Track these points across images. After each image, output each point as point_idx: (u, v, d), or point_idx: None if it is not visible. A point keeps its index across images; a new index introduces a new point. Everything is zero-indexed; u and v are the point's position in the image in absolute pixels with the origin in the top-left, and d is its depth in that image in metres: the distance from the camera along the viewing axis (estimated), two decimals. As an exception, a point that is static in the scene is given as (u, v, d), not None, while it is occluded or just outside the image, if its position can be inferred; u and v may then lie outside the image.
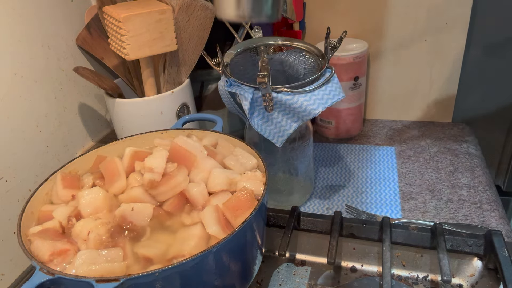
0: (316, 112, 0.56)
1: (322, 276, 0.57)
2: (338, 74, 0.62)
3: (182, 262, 0.38)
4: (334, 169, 0.80)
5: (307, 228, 0.61)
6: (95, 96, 0.89)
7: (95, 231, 0.44)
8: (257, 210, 0.43)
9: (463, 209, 0.67)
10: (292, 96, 0.55)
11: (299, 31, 0.87)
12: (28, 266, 0.64)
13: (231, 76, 0.59)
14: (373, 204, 0.70)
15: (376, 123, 0.95)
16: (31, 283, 0.37)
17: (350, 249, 0.59)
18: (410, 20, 0.84)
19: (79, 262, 0.40)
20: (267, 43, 0.66)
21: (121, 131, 0.76)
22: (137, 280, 0.37)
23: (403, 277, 0.56)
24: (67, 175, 0.52)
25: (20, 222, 0.45)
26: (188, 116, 0.67)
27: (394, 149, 0.85)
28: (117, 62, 0.79)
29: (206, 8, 0.73)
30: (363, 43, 0.83)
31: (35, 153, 0.72)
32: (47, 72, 0.75)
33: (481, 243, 0.54)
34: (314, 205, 0.72)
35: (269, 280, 0.57)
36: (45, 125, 0.75)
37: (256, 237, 0.47)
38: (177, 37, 0.69)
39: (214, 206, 0.47)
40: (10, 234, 0.65)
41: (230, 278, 0.46)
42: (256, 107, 0.58)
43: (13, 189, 0.66)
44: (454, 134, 0.88)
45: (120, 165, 0.52)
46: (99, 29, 0.80)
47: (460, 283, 0.54)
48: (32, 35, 0.71)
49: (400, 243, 0.57)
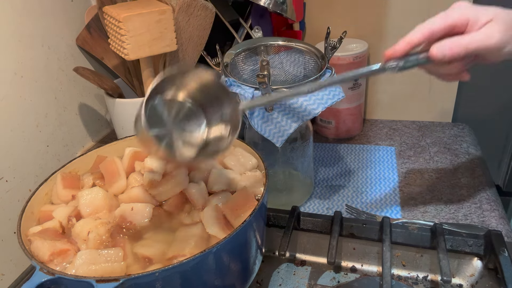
0: (316, 112, 0.56)
1: (322, 276, 0.57)
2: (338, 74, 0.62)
3: (182, 262, 0.38)
4: (334, 169, 0.80)
5: (307, 228, 0.61)
6: (95, 96, 0.89)
7: (95, 231, 0.44)
8: (257, 210, 0.44)
9: (463, 209, 0.67)
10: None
11: (299, 31, 0.87)
12: (28, 266, 0.64)
13: (231, 76, 0.59)
14: (373, 204, 0.70)
15: (376, 123, 0.95)
16: (31, 283, 0.37)
17: (350, 249, 0.59)
18: (410, 20, 0.83)
19: (79, 262, 0.40)
20: (267, 43, 0.66)
21: (121, 131, 0.76)
22: (137, 280, 0.37)
23: (403, 277, 0.56)
24: (67, 175, 0.52)
25: (20, 222, 0.45)
26: (188, 116, 0.67)
27: (394, 149, 0.85)
28: (117, 62, 0.79)
29: (206, 8, 0.73)
30: (363, 43, 0.83)
31: (35, 153, 0.72)
32: (47, 72, 0.75)
33: (481, 243, 0.54)
34: (314, 205, 0.72)
35: (269, 280, 0.57)
36: (45, 125, 0.75)
37: (256, 237, 0.47)
38: (177, 37, 0.69)
39: (214, 206, 0.47)
40: (10, 234, 0.65)
41: (230, 278, 0.46)
42: (256, 107, 0.58)
43: (13, 189, 0.66)
44: (454, 134, 0.88)
45: (120, 165, 0.52)
46: (99, 29, 0.80)
47: (460, 283, 0.54)
48: (32, 35, 0.71)
49: (400, 243, 0.57)
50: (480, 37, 0.44)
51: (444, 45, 0.45)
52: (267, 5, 0.71)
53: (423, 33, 0.46)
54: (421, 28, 0.46)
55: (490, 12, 0.45)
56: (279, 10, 0.72)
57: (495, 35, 0.44)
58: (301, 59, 0.65)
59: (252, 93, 0.56)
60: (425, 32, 0.46)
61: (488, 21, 0.45)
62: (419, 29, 0.46)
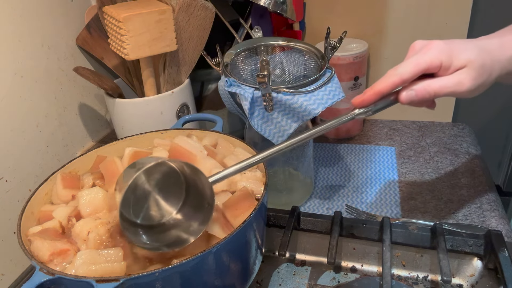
0: (316, 112, 0.56)
1: (322, 276, 0.57)
2: (338, 74, 0.62)
3: (182, 262, 0.38)
4: (334, 169, 0.80)
5: (307, 228, 0.61)
6: (95, 96, 0.89)
7: (95, 231, 0.44)
8: (257, 210, 0.44)
9: (463, 209, 0.67)
10: (292, 96, 0.55)
11: (299, 31, 0.87)
12: (28, 266, 0.64)
13: (231, 76, 0.59)
14: (373, 204, 0.70)
15: (376, 123, 0.95)
16: (31, 283, 0.37)
17: (350, 249, 0.59)
18: (410, 20, 0.83)
19: (79, 262, 0.40)
20: (267, 43, 0.66)
21: (121, 131, 0.76)
22: (137, 280, 0.37)
23: (403, 277, 0.56)
24: (67, 175, 0.52)
25: (20, 222, 0.45)
26: (188, 116, 0.67)
27: (394, 149, 0.85)
28: (117, 62, 0.79)
29: (206, 8, 0.73)
30: (363, 43, 0.83)
31: (35, 153, 0.72)
32: (47, 72, 0.75)
33: (481, 243, 0.54)
34: (314, 205, 0.72)
35: (269, 280, 0.57)
36: (45, 125, 0.75)
37: (256, 237, 0.47)
38: (177, 37, 0.69)
39: (216, 206, 0.47)
40: (10, 234, 0.65)
41: (230, 278, 0.46)
42: (256, 107, 0.58)
43: (13, 189, 0.66)
44: (454, 134, 0.88)
45: (120, 165, 0.52)
46: (99, 29, 0.80)
47: (460, 283, 0.54)
48: (32, 35, 0.71)
49: (400, 243, 0.57)
50: (450, 85, 0.44)
51: (413, 91, 0.45)
52: (267, 5, 0.71)
53: (394, 82, 0.45)
54: (392, 76, 0.45)
55: (464, 57, 0.44)
56: (279, 10, 0.72)
57: (466, 84, 0.44)
58: (301, 59, 0.65)
59: (252, 93, 0.56)
60: (396, 81, 0.45)
61: (461, 67, 0.44)
62: (389, 77, 0.45)
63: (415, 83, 0.45)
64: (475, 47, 0.45)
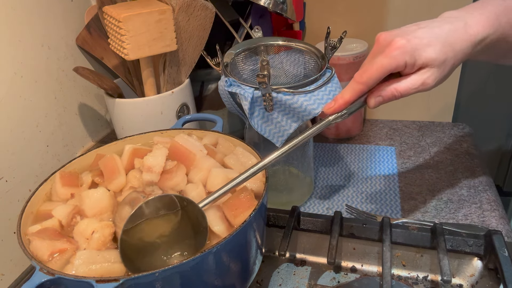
0: (316, 112, 0.56)
1: (322, 276, 0.57)
2: (338, 74, 0.61)
3: (182, 262, 0.38)
4: (334, 169, 0.80)
5: (307, 228, 0.61)
6: (95, 96, 0.89)
7: (100, 231, 0.43)
8: (257, 210, 0.43)
9: (463, 209, 0.67)
10: (292, 96, 0.55)
11: (299, 31, 0.87)
12: (28, 266, 0.64)
13: (231, 76, 0.59)
14: (373, 204, 0.70)
15: (376, 123, 0.95)
16: (31, 283, 0.37)
17: (350, 249, 0.59)
18: (410, 20, 0.83)
19: (79, 262, 0.40)
20: (267, 43, 0.66)
21: (121, 131, 0.76)
22: (137, 280, 0.37)
23: (403, 277, 0.56)
24: (66, 173, 0.52)
25: (20, 222, 0.45)
26: (188, 116, 0.67)
27: (394, 149, 0.85)
28: (117, 62, 0.79)
29: (206, 8, 0.73)
30: (363, 43, 0.83)
31: (35, 153, 0.72)
32: (47, 72, 0.75)
33: (481, 243, 0.54)
34: (314, 205, 0.71)
35: (269, 280, 0.57)
36: (45, 125, 0.75)
37: (256, 237, 0.47)
38: (177, 37, 0.69)
39: (217, 205, 0.47)
40: (10, 234, 0.65)
41: (230, 278, 0.46)
42: (256, 107, 0.58)
43: (13, 189, 0.66)
44: (454, 134, 0.88)
45: (120, 162, 0.52)
46: (99, 29, 0.80)
47: (460, 283, 0.54)
48: (32, 35, 0.71)
49: (400, 243, 0.57)
50: (416, 86, 0.47)
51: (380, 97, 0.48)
52: (267, 5, 0.71)
53: (361, 90, 0.48)
54: (358, 85, 0.48)
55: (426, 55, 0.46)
56: (279, 10, 0.72)
57: (430, 83, 0.47)
58: (301, 59, 0.65)
59: (252, 93, 0.56)
60: (363, 89, 0.48)
61: (424, 66, 0.46)
62: (356, 86, 0.48)
63: (382, 87, 0.48)
64: (437, 39, 0.46)
